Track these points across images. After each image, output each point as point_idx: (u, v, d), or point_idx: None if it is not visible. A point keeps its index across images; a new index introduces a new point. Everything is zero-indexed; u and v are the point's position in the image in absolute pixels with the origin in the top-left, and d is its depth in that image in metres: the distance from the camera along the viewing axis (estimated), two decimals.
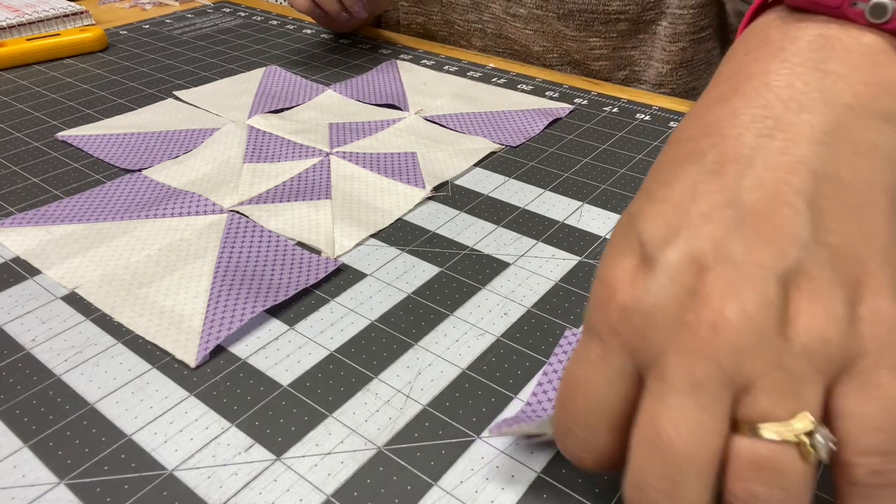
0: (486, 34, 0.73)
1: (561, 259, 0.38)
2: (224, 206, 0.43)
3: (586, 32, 0.66)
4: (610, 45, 0.66)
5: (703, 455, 0.18)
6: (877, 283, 0.18)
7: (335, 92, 0.60)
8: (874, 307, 0.18)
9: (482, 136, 0.52)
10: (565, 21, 0.66)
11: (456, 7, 0.74)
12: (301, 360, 0.32)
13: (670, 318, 0.19)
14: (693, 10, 0.63)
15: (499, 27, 0.72)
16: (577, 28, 0.66)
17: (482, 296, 0.36)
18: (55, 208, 0.42)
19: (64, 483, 0.26)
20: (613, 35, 0.65)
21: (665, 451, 0.18)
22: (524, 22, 0.69)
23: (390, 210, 0.43)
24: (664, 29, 0.65)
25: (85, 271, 0.37)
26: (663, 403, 0.18)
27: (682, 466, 0.18)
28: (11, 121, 0.55)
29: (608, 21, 0.65)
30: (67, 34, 0.69)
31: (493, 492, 0.26)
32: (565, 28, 0.67)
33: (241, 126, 0.53)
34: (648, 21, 0.65)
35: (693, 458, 0.18)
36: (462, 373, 0.31)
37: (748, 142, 0.20)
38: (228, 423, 0.28)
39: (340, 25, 0.73)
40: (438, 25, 0.77)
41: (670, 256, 0.19)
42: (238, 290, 0.35)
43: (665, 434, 0.18)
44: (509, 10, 0.69)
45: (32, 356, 0.32)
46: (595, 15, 0.65)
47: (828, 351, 0.17)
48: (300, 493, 0.26)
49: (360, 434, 0.28)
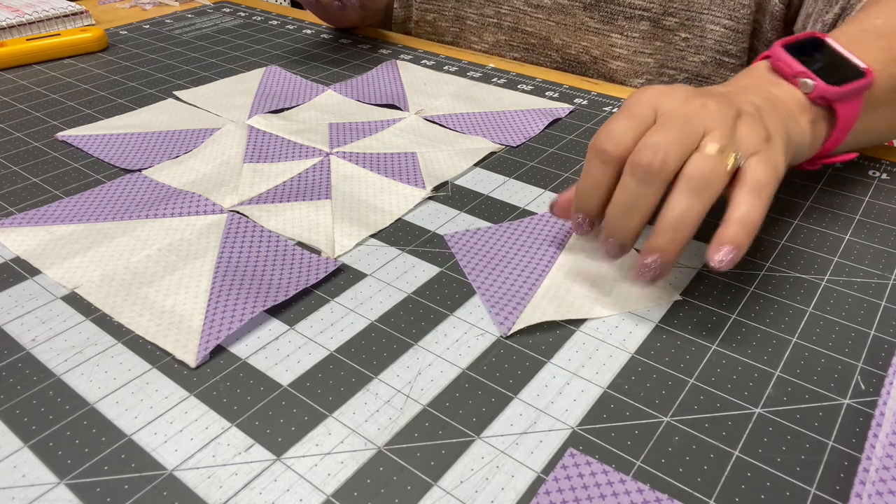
0: (501, 28, 0.73)
1: None
2: (224, 206, 0.43)
3: (610, 26, 0.66)
4: (630, 47, 0.66)
5: (685, 148, 0.32)
6: (776, 142, 0.34)
7: (335, 92, 0.60)
8: (773, 143, 0.34)
9: (482, 136, 0.52)
10: (590, 12, 0.67)
11: (472, 2, 0.74)
12: (301, 360, 0.32)
13: (681, 98, 0.34)
14: (724, 30, 0.63)
15: (517, 20, 0.72)
16: (601, 20, 0.66)
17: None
18: (55, 208, 0.42)
19: (64, 483, 0.26)
20: (635, 35, 0.65)
21: (663, 137, 0.32)
22: (547, 13, 0.69)
23: (390, 210, 0.43)
24: (684, 40, 0.64)
25: (85, 271, 0.37)
26: (666, 124, 0.33)
27: (672, 151, 0.32)
28: (11, 121, 0.55)
29: (632, 17, 0.65)
30: (67, 34, 0.69)
31: (493, 492, 0.26)
32: (589, 19, 0.67)
33: (241, 126, 0.53)
34: (668, 28, 0.64)
35: (679, 147, 0.32)
36: (462, 373, 0.31)
37: (727, 90, 0.37)
38: (228, 423, 0.28)
39: (337, 18, 0.73)
40: (450, 21, 0.76)
41: (682, 87, 0.35)
42: (238, 290, 0.35)
43: (667, 131, 0.32)
44: (532, 2, 0.70)
45: (32, 356, 0.32)
46: (620, 8, 0.65)
47: (750, 142, 0.33)
48: (300, 493, 0.26)
49: (360, 434, 0.28)
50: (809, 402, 0.29)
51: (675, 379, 0.31)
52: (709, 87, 0.39)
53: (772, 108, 0.36)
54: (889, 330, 0.33)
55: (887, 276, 0.37)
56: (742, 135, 0.33)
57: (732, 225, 0.31)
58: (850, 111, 0.39)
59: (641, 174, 0.31)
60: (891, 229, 0.41)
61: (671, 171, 0.31)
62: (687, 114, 0.33)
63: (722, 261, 0.30)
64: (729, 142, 0.32)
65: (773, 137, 0.34)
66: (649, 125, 0.33)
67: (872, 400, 0.30)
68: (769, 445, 0.27)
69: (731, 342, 0.33)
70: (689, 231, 0.31)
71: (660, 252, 0.31)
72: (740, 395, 0.30)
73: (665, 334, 0.33)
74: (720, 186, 0.31)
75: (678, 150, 0.32)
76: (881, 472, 0.25)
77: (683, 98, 0.34)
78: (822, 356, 0.32)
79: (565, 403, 0.29)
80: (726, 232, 0.31)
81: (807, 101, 0.38)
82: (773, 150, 0.34)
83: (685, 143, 0.32)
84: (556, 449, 0.27)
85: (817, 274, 0.37)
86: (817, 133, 0.39)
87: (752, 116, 0.34)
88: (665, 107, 0.34)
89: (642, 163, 0.31)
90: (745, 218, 0.31)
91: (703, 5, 0.62)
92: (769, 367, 0.31)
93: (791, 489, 0.26)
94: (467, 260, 0.38)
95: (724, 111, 0.33)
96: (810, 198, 0.44)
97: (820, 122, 0.39)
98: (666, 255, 0.31)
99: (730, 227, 0.31)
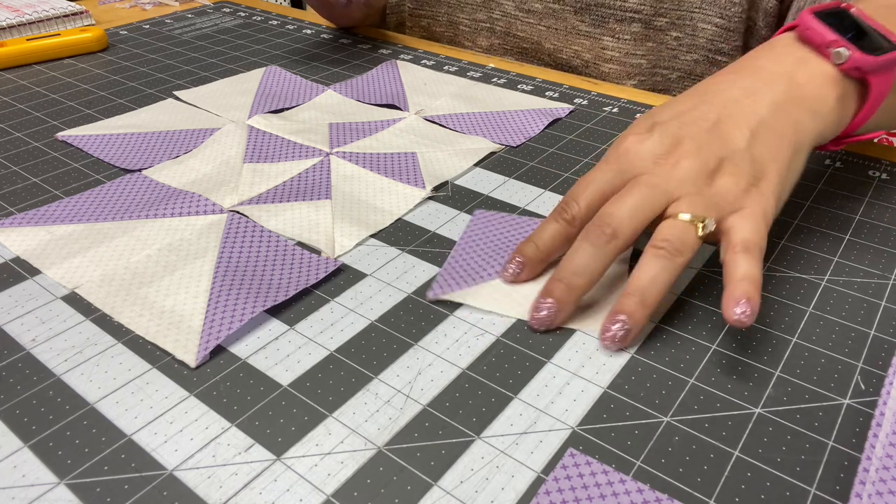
0: (494, 32, 0.73)
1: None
2: (224, 206, 0.43)
3: (601, 29, 0.66)
4: (622, 49, 0.66)
5: (640, 217, 0.33)
6: (768, 179, 0.34)
7: (335, 92, 0.60)
8: (760, 188, 0.34)
9: (482, 136, 0.52)
10: (581, 15, 0.66)
11: (464, 6, 0.74)
12: (301, 360, 0.32)
13: (651, 158, 0.35)
14: (716, 29, 0.63)
15: (508, 25, 0.72)
16: (592, 24, 0.66)
17: None
18: (55, 208, 0.42)
19: (64, 483, 0.26)
20: (626, 37, 0.65)
21: (620, 207, 0.33)
22: (538, 17, 0.69)
23: (390, 210, 0.43)
24: (675, 39, 0.64)
25: (85, 271, 0.37)
26: (629, 190, 0.34)
27: (625, 219, 0.33)
28: (11, 121, 0.55)
29: (623, 19, 0.65)
30: (67, 34, 0.69)
31: (493, 492, 0.26)
32: (580, 23, 0.67)
33: (241, 126, 0.53)
34: (660, 28, 0.64)
35: (634, 215, 0.33)
36: (462, 373, 0.31)
37: (734, 96, 0.37)
38: (228, 423, 0.28)
39: (341, 16, 0.72)
40: (444, 27, 0.76)
41: (664, 131, 0.36)
42: (238, 290, 0.35)
43: (625, 199, 0.33)
44: (523, 7, 0.69)
45: (32, 356, 0.32)
46: (611, 11, 0.65)
47: (728, 199, 0.33)
48: (300, 493, 0.26)
49: (360, 434, 0.28)
50: (809, 402, 0.29)
51: (675, 379, 0.31)
52: (716, 78, 0.39)
53: (779, 117, 0.36)
54: (889, 330, 0.33)
55: (887, 276, 0.37)
56: (719, 191, 0.33)
57: (739, 283, 0.30)
58: (883, 84, 0.37)
59: (593, 238, 0.33)
60: (891, 229, 0.41)
61: (623, 242, 0.33)
62: (653, 182, 0.34)
63: (743, 312, 0.30)
64: (700, 206, 0.33)
65: (765, 174, 0.34)
66: (617, 188, 0.35)
67: (872, 400, 0.30)
68: (769, 445, 0.27)
69: (731, 342, 0.33)
70: (657, 296, 0.32)
71: (627, 315, 0.31)
72: (740, 395, 0.30)
73: (665, 334, 0.33)
74: (691, 252, 0.32)
75: (632, 222, 0.33)
76: (881, 472, 0.25)
77: (658, 154, 0.35)
78: (822, 356, 0.32)
79: (565, 403, 0.29)
80: (735, 290, 0.30)
81: (837, 75, 0.37)
82: (760, 196, 0.33)
83: (643, 214, 0.33)
84: (556, 449, 0.27)
85: (817, 274, 0.37)
86: (846, 110, 0.38)
87: (735, 161, 0.34)
88: (634, 169, 0.35)
89: (594, 230, 0.33)
90: (749, 275, 0.31)
91: (694, 4, 0.62)
92: (769, 367, 0.31)
93: (791, 489, 0.26)
94: (468, 236, 0.40)
95: (699, 168, 0.34)
96: (810, 198, 0.44)
97: (849, 98, 0.38)
98: (633, 319, 0.31)
99: (738, 286, 0.30)
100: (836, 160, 0.49)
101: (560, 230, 0.35)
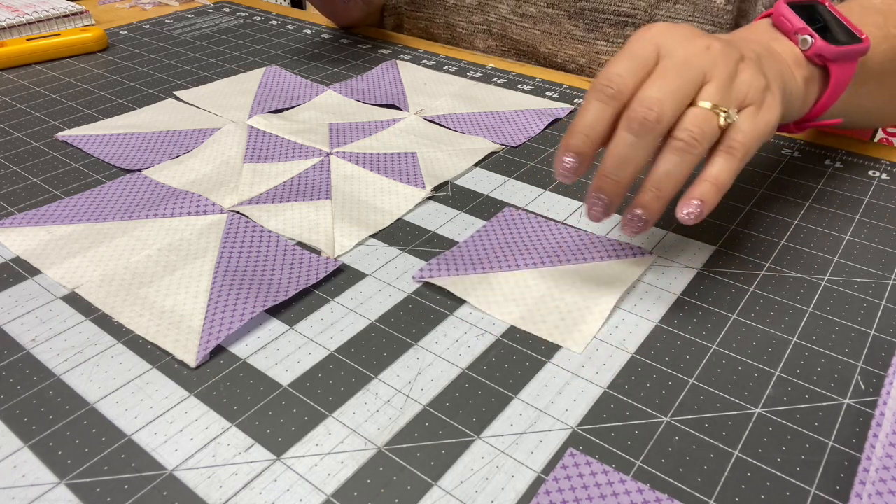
0: (490, 35, 0.73)
1: None
2: (224, 206, 0.43)
3: (595, 34, 0.66)
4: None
5: (681, 98, 0.32)
6: (772, 89, 0.35)
7: (335, 92, 0.60)
8: (773, 92, 0.35)
9: (482, 136, 0.52)
10: (575, 20, 0.66)
11: (461, 9, 0.74)
12: (301, 360, 0.32)
13: (682, 38, 0.34)
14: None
15: (504, 28, 0.72)
16: (586, 28, 0.66)
17: None
18: (55, 208, 0.42)
19: (64, 483, 0.26)
20: (621, 41, 0.65)
21: (663, 86, 0.32)
22: (533, 22, 0.69)
23: (390, 210, 0.43)
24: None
25: (85, 271, 0.37)
26: (665, 70, 0.33)
27: (667, 101, 0.31)
28: (11, 121, 0.55)
29: (617, 24, 0.65)
30: (67, 34, 0.69)
31: (493, 492, 0.26)
32: (575, 28, 0.67)
33: (241, 126, 0.53)
34: None
35: (676, 97, 0.32)
36: (462, 373, 0.31)
37: (730, 38, 0.38)
38: (228, 423, 0.28)
39: (341, 14, 0.72)
40: (441, 29, 0.77)
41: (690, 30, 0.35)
42: (238, 290, 0.35)
43: (665, 79, 0.32)
44: (518, 10, 0.69)
45: (32, 356, 0.32)
46: (605, 15, 0.65)
47: (750, 91, 0.34)
48: (300, 493, 0.26)
49: (360, 434, 0.28)
50: (809, 402, 0.29)
51: (675, 379, 0.31)
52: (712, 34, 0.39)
53: (771, 58, 0.38)
54: (889, 330, 0.33)
55: (887, 276, 0.37)
56: (742, 81, 0.34)
57: (702, 183, 0.32)
58: (843, 74, 0.41)
59: (637, 128, 0.31)
60: (891, 229, 0.41)
61: (665, 126, 0.32)
62: (687, 58, 0.33)
63: (690, 213, 0.32)
64: (725, 93, 0.33)
65: (772, 86, 0.35)
66: (651, 66, 0.33)
67: (872, 400, 0.30)
68: (769, 445, 0.27)
69: (731, 342, 0.33)
70: (672, 188, 0.32)
71: (643, 208, 0.32)
72: (740, 395, 0.30)
73: (665, 334, 0.33)
74: (708, 144, 0.32)
75: (673, 105, 0.32)
76: (881, 472, 0.25)
77: (687, 37, 0.34)
78: (822, 356, 0.32)
79: (565, 403, 0.29)
80: (694, 189, 0.32)
81: (803, 58, 0.40)
82: (770, 101, 0.35)
83: (682, 95, 0.32)
84: (556, 449, 0.27)
85: (817, 274, 0.37)
86: (809, 92, 0.40)
87: (754, 62, 0.35)
88: (667, 48, 0.33)
89: (638, 118, 0.31)
90: (714, 177, 0.32)
91: (687, 12, 0.62)
92: (769, 367, 0.31)
93: (791, 489, 0.26)
94: (486, 229, 0.41)
95: (728, 53, 0.34)
96: (810, 198, 0.44)
97: (813, 82, 0.40)
98: (649, 211, 0.32)
99: (698, 186, 0.32)
100: (836, 160, 0.49)
101: (605, 112, 0.32)
